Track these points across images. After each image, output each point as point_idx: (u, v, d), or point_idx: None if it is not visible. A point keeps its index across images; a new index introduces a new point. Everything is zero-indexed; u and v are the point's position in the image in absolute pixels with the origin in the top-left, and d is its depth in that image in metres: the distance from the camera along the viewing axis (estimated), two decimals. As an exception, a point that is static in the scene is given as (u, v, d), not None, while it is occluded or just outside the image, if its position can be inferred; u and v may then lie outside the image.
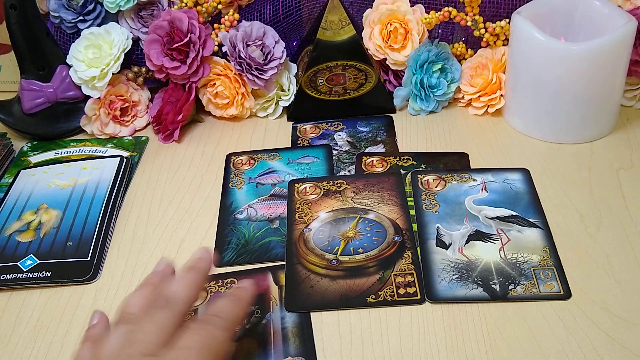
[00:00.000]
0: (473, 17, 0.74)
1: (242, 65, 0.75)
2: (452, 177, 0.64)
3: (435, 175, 0.65)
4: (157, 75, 0.77)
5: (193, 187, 0.69)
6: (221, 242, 0.60)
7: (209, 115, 0.80)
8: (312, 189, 0.64)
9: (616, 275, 0.53)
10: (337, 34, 0.74)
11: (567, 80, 0.67)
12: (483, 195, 0.62)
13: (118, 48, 0.75)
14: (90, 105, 0.77)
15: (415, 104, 0.77)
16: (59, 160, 0.74)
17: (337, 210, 0.61)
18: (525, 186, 0.63)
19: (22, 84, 0.76)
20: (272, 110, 0.79)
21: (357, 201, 0.62)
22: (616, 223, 0.59)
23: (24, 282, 0.57)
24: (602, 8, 0.69)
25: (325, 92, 0.77)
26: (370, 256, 0.56)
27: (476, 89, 0.75)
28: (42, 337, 0.52)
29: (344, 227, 0.59)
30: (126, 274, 0.58)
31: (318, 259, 0.56)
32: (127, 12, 0.78)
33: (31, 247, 0.61)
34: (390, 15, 0.75)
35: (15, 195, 0.68)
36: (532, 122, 0.72)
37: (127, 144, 0.77)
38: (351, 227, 0.59)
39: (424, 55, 0.74)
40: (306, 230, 0.59)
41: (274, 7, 0.79)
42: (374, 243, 0.57)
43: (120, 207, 0.66)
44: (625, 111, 0.75)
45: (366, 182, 0.65)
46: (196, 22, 0.74)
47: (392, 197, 0.62)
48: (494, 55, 0.75)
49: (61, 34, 0.80)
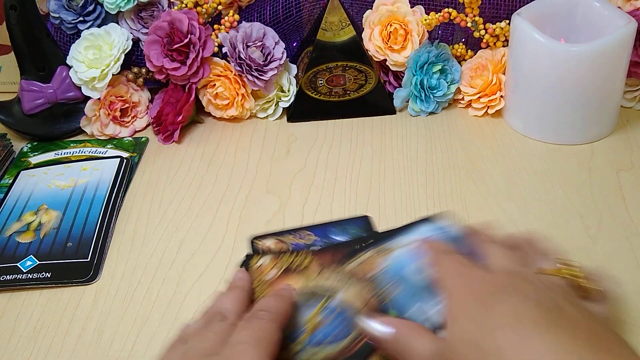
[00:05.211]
0: (473, 18, 0.74)
1: (242, 66, 0.75)
2: (378, 254, 0.49)
3: (372, 251, 0.49)
4: (157, 76, 0.77)
5: (193, 187, 0.69)
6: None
7: (209, 116, 0.81)
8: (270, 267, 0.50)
9: (617, 276, 0.53)
10: (337, 35, 0.74)
11: (567, 82, 0.67)
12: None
13: (118, 49, 0.75)
14: (90, 106, 0.77)
15: (415, 105, 0.77)
16: (59, 161, 0.74)
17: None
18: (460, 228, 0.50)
19: (22, 84, 0.76)
20: (272, 111, 0.79)
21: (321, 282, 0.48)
22: (616, 224, 0.59)
23: (24, 283, 0.57)
24: (602, 9, 0.69)
25: (325, 93, 0.77)
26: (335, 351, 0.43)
27: (476, 90, 0.75)
28: (42, 338, 0.52)
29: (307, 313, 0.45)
30: (126, 274, 0.58)
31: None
32: (127, 13, 0.78)
33: (31, 247, 0.61)
34: (390, 16, 0.75)
35: (15, 196, 0.68)
36: (532, 123, 0.72)
37: (127, 145, 0.77)
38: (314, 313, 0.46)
39: (424, 56, 0.74)
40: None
41: (274, 8, 0.79)
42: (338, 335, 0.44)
43: (120, 207, 0.66)
44: (625, 112, 0.75)
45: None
46: (196, 23, 0.75)
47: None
48: (494, 56, 0.75)
49: (61, 35, 0.80)
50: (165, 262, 0.59)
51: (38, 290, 0.57)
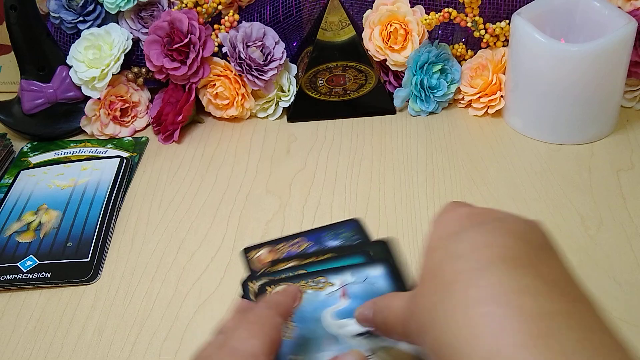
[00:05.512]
0: (473, 18, 0.74)
1: (242, 66, 0.75)
2: (306, 284, 0.47)
3: (286, 284, 0.47)
4: (157, 76, 0.77)
5: (193, 187, 0.69)
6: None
7: (209, 116, 0.81)
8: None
9: (617, 276, 0.53)
10: (337, 34, 0.74)
11: (567, 81, 0.67)
12: (344, 304, 0.45)
13: (118, 49, 0.75)
14: (90, 106, 0.77)
15: (415, 105, 0.77)
16: (59, 161, 0.74)
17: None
18: (388, 283, 0.46)
19: (22, 84, 0.76)
20: (272, 111, 0.79)
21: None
22: (616, 224, 0.59)
23: (24, 283, 0.57)
24: (602, 9, 0.69)
25: (325, 92, 0.77)
26: None
27: (476, 90, 0.75)
28: (42, 338, 0.52)
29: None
30: (126, 274, 0.58)
31: None
32: (127, 12, 0.78)
33: (31, 247, 0.61)
34: (391, 16, 0.75)
35: (15, 196, 0.68)
36: (532, 123, 0.72)
37: (127, 145, 0.77)
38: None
39: (424, 56, 0.74)
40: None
41: (274, 8, 0.79)
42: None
43: (120, 207, 0.66)
44: (625, 112, 0.75)
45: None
46: (196, 22, 0.75)
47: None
48: (494, 56, 0.75)
49: (61, 35, 0.80)
50: (165, 262, 0.59)
51: (38, 290, 0.57)
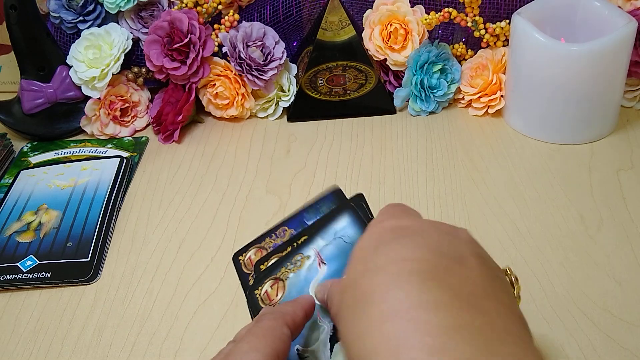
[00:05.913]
0: (473, 17, 0.74)
1: (242, 65, 0.75)
2: (286, 270, 0.47)
3: (272, 280, 0.47)
4: (157, 75, 0.77)
5: (193, 187, 0.69)
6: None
7: (209, 115, 0.81)
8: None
9: (617, 276, 0.53)
10: (337, 34, 0.74)
11: (568, 81, 0.67)
12: (323, 272, 0.45)
13: (118, 48, 0.75)
14: (91, 106, 0.77)
15: (415, 104, 0.77)
16: (59, 161, 0.74)
17: None
18: (356, 229, 0.47)
19: (22, 84, 0.76)
20: (272, 110, 0.79)
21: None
22: (616, 224, 0.59)
23: (24, 283, 0.57)
24: (603, 9, 0.69)
25: (326, 92, 0.77)
26: None
27: (476, 89, 0.75)
28: (42, 338, 0.52)
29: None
30: (126, 274, 0.58)
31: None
32: (127, 12, 0.78)
33: (31, 247, 0.61)
34: (391, 16, 0.75)
35: (15, 196, 0.68)
36: (532, 122, 0.72)
37: (127, 145, 0.77)
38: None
39: (424, 56, 0.74)
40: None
41: (274, 8, 0.79)
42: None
43: (120, 207, 0.66)
44: (625, 112, 0.75)
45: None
46: (196, 22, 0.74)
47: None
48: (494, 56, 0.75)
49: (61, 35, 0.80)
50: (165, 262, 0.59)
51: (38, 290, 0.57)
